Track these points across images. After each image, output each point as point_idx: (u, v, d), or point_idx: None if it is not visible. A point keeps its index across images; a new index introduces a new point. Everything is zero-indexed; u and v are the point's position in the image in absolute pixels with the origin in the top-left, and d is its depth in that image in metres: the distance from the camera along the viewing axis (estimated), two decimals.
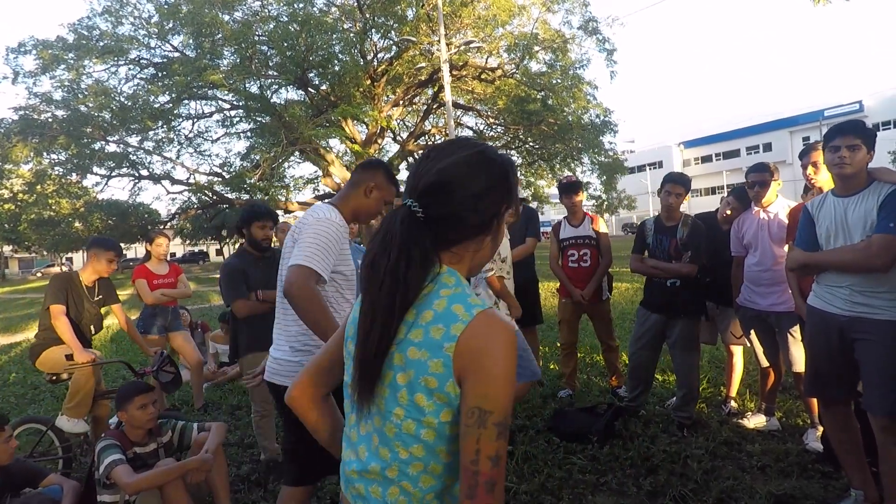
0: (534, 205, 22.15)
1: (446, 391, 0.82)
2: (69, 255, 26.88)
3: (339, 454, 1.04)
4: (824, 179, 2.83)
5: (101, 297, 3.60)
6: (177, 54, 17.60)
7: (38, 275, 42.14)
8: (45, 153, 17.34)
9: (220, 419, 4.18)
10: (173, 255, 44.83)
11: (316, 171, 22.70)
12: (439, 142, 0.93)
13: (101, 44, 16.70)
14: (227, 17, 16.91)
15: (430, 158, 0.92)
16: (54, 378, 3.43)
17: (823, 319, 2.34)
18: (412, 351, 0.84)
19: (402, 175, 27.71)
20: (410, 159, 25.10)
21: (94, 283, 3.55)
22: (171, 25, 16.66)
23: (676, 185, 3.44)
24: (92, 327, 3.56)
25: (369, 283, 0.89)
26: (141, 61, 18.13)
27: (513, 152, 22.79)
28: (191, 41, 16.86)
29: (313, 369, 1.07)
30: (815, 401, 3.00)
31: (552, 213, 38.32)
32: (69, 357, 3.24)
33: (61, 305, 3.34)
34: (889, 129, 40.68)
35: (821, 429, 2.97)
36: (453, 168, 0.89)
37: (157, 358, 3.34)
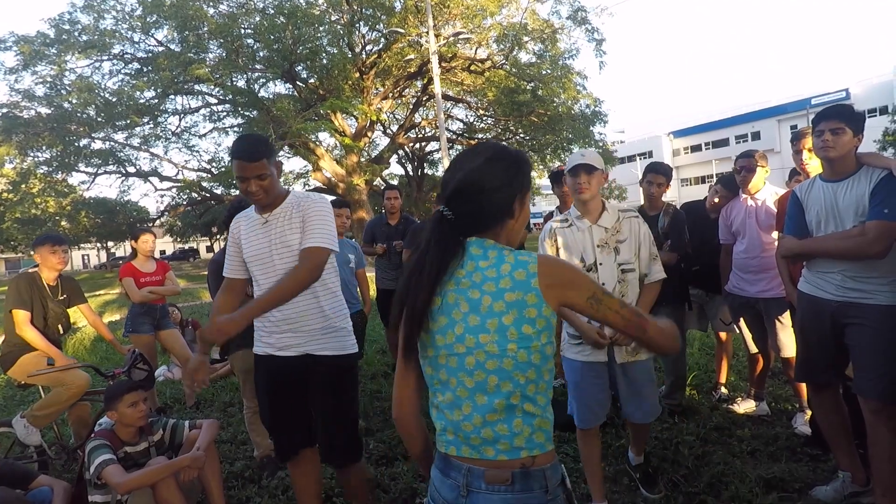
0: None
1: (543, 315, 1.07)
2: None
3: (427, 460, 1.23)
4: (816, 165, 2.83)
5: (65, 296, 3.51)
6: (161, 48, 17.35)
7: None
8: (29, 151, 17.07)
9: (212, 416, 4.16)
10: (163, 252, 44.47)
11: (306, 166, 22.56)
12: (463, 150, 1.26)
13: (84, 38, 16.43)
14: (211, 10, 16.68)
15: (450, 170, 1.17)
16: (23, 384, 3.38)
17: (815, 305, 2.36)
18: (509, 295, 1.06)
19: (394, 168, 27.64)
20: (401, 152, 25.04)
21: (56, 281, 3.47)
22: (154, 19, 16.41)
23: (657, 174, 3.44)
24: (59, 327, 3.48)
25: (416, 277, 1.12)
26: (125, 56, 17.86)
27: (503, 144, 22.76)
28: (175, 35, 16.64)
29: (413, 378, 1.21)
30: (803, 385, 3.03)
31: (543, 204, 38.37)
32: (51, 363, 3.19)
33: (26, 312, 3.26)
34: (875, 116, 41.05)
35: (809, 413, 3.00)
36: (471, 174, 1.13)
37: (129, 357, 3.29)
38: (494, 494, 1.06)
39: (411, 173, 26.88)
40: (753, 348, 3.46)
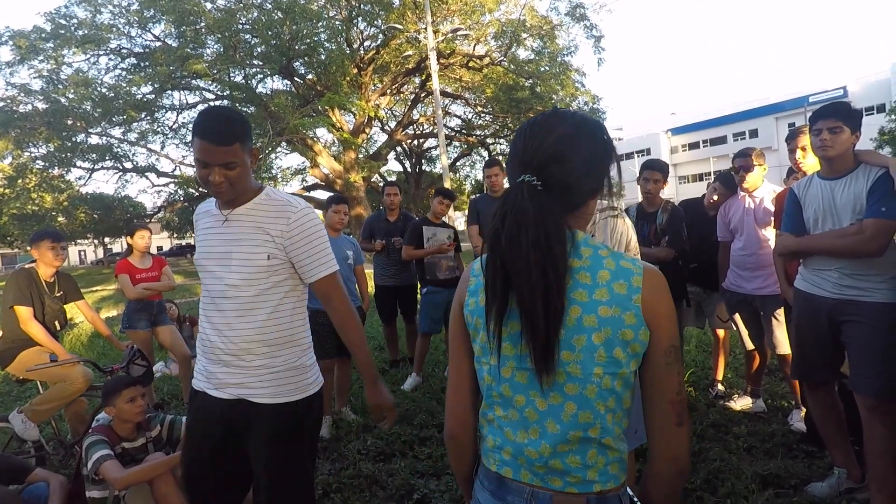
0: None
1: (640, 339, 0.91)
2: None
3: (471, 481, 1.08)
4: (811, 164, 2.84)
5: (62, 293, 3.51)
6: (158, 43, 17.27)
7: None
8: (25, 146, 17.00)
9: None
10: (160, 248, 44.36)
11: (303, 162, 22.52)
12: (535, 117, 1.00)
13: (80, 33, 16.34)
14: (209, 5, 16.60)
15: (534, 135, 0.95)
16: (22, 379, 3.38)
17: (811, 303, 2.37)
18: (603, 310, 0.90)
19: (392, 165, 27.58)
20: (399, 149, 25.00)
21: (53, 278, 3.47)
22: (151, 14, 16.33)
23: (654, 171, 3.45)
24: (56, 323, 3.47)
25: (516, 263, 0.89)
26: (122, 51, 17.78)
27: (501, 140, 22.77)
28: (172, 30, 16.56)
29: (467, 393, 1.06)
30: (798, 382, 3.04)
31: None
32: (53, 359, 3.19)
33: (29, 308, 3.26)
34: (872, 114, 41.12)
35: (804, 410, 3.02)
36: (562, 141, 0.94)
37: (128, 353, 3.29)
38: None
39: (409, 170, 26.85)
40: (750, 345, 3.47)
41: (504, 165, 3.33)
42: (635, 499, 1.01)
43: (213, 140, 1.52)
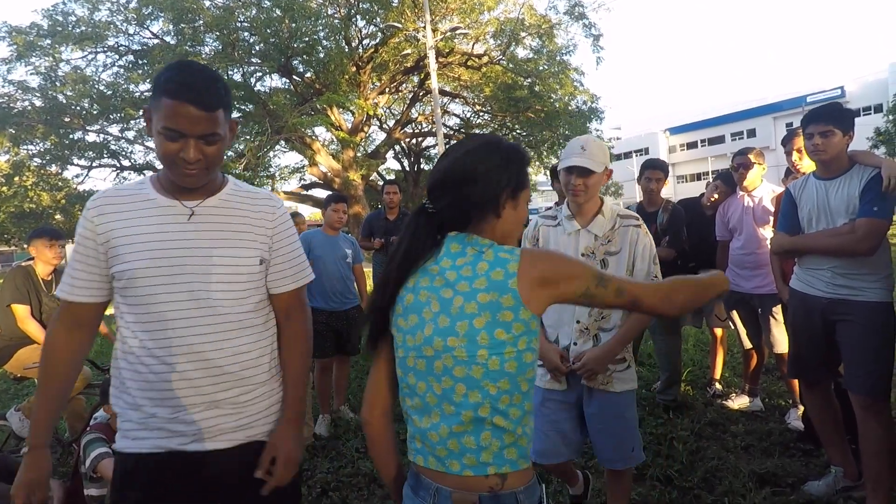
0: None
1: (521, 318, 0.98)
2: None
3: (398, 482, 1.16)
4: (808, 165, 2.85)
5: None
6: (156, 41, 17.20)
7: None
8: (22, 143, 16.94)
9: None
10: None
11: (302, 161, 22.46)
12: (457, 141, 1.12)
13: (78, 30, 16.27)
14: (207, 3, 16.55)
15: (440, 159, 1.10)
16: (19, 377, 3.37)
17: (805, 302, 2.38)
18: (482, 296, 0.98)
19: (391, 163, 27.58)
20: (398, 147, 24.97)
21: (50, 276, 3.46)
22: (149, 11, 16.26)
23: (655, 170, 3.46)
24: None
25: (392, 263, 1.08)
26: (119, 48, 17.70)
27: (499, 136, 22.73)
28: (171, 27, 16.50)
29: (385, 379, 1.14)
30: (796, 381, 3.05)
31: (539, 200, 38.39)
32: None
33: (26, 306, 3.26)
34: (870, 114, 41.22)
35: (802, 408, 3.03)
36: (454, 163, 1.06)
37: None
38: None
39: (408, 169, 26.82)
40: (748, 344, 3.48)
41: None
42: (544, 501, 1.05)
43: (196, 102, 1.16)
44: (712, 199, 3.60)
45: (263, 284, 1.36)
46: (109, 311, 1.36)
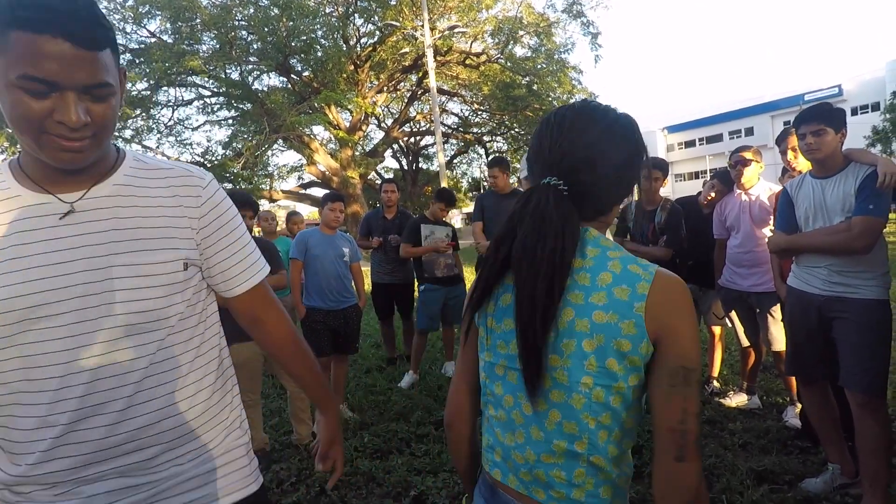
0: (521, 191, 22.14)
1: (639, 352, 0.81)
2: None
3: (470, 475, 1.06)
4: (803, 163, 2.87)
5: None
6: (154, 40, 17.17)
7: None
8: (18, 143, 16.89)
9: None
10: None
11: (300, 159, 22.45)
12: (562, 110, 0.91)
13: None
14: (205, 1, 16.52)
15: (563, 134, 0.89)
16: None
17: (802, 300, 2.39)
18: (598, 315, 0.82)
19: (389, 162, 27.55)
20: (396, 146, 24.97)
21: None
22: (147, 9, 16.22)
23: (654, 169, 3.47)
24: None
25: (526, 270, 0.85)
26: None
27: (498, 138, 22.78)
28: (168, 26, 16.47)
29: (466, 384, 1.03)
30: (793, 379, 3.06)
31: None
32: None
33: None
34: (867, 112, 41.32)
35: (799, 406, 3.04)
36: (595, 145, 0.88)
37: None
38: None
39: (406, 167, 26.81)
40: (745, 342, 3.49)
41: (502, 167, 3.33)
42: None
43: (72, 36, 0.76)
44: (709, 198, 3.61)
45: (195, 295, 0.99)
46: None
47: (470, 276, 6.71)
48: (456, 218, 30.92)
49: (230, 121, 20.94)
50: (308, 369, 1.18)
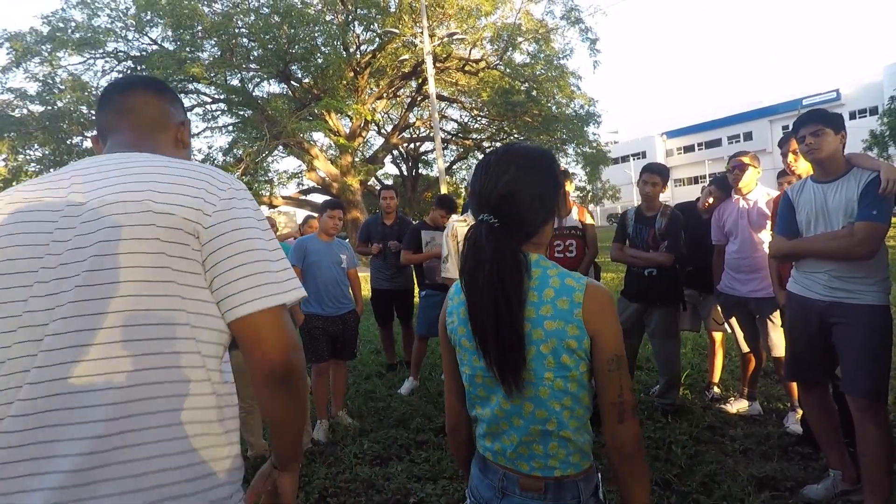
0: None
1: (583, 346, 1.04)
2: None
3: (464, 462, 1.27)
4: (804, 167, 2.87)
5: None
6: (155, 47, 17.24)
7: None
8: (21, 150, 16.94)
9: None
10: None
11: (300, 166, 22.48)
12: (489, 155, 1.14)
13: (77, 36, 16.29)
14: (206, 9, 16.60)
15: (489, 175, 1.09)
16: None
17: (803, 305, 2.38)
18: (548, 323, 1.03)
19: (389, 168, 27.61)
20: (395, 152, 25.02)
21: None
22: (148, 17, 16.31)
23: (653, 174, 3.47)
24: None
25: (473, 294, 1.06)
26: (118, 54, 17.73)
27: (497, 144, 22.81)
28: (169, 33, 16.54)
29: (458, 394, 1.22)
30: (794, 384, 3.06)
31: None
32: None
33: None
34: (865, 117, 41.42)
35: (800, 412, 3.03)
36: (511, 182, 1.07)
37: None
38: (528, 500, 1.09)
39: (405, 173, 26.86)
40: (745, 348, 3.48)
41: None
42: (600, 488, 1.14)
43: None
44: (707, 204, 3.62)
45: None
46: None
47: None
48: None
49: (230, 127, 20.97)
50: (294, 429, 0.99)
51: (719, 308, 3.61)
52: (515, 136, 21.71)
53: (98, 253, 0.81)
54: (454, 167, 27.81)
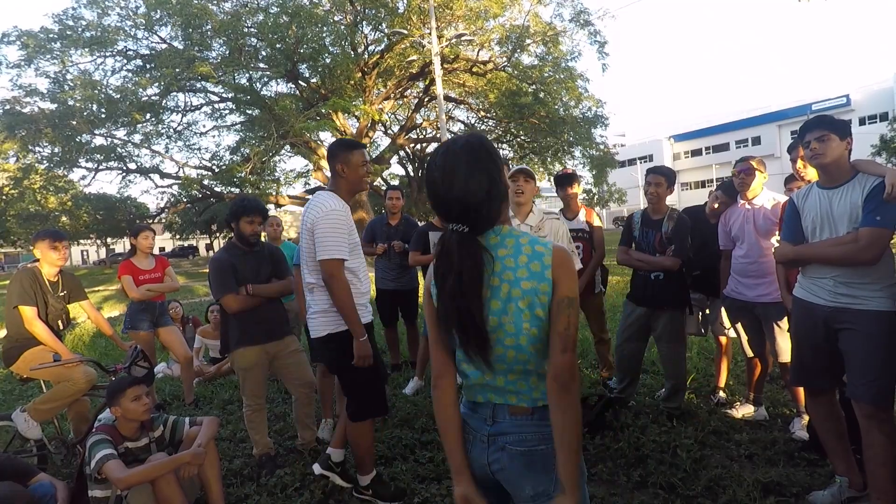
0: None
1: (549, 297, 1.23)
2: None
3: (449, 433, 1.36)
4: (813, 174, 2.86)
5: (65, 292, 3.51)
6: (164, 46, 17.36)
7: None
8: (31, 147, 17.10)
9: (211, 414, 4.17)
10: (162, 249, 44.40)
11: (307, 165, 22.59)
12: (430, 169, 1.30)
13: (88, 34, 16.44)
14: (215, 8, 16.71)
15: (437, 183, 1.25)
16: (25, 378, 3.39)
17: (808, 310, 2.38)
18: (524, 283, 1.22)
19: (395, 169, 27.68)
20: (402, 153, 25.06)
21: (56, 277, 3.47)
22: (158, 16, 16.43)
23: (658, 176, 3.46)
24: (59, 323, 3.47)
25: (444, 296, 1.26)
26: (128, 53, 17.88)
27: (504, 146, 22.82)
28: (179, 32, 16.67)
29: (441, 348, 1.33)
30: (800, 390, 3.04)
31: (543, 206, 38.34)
32: (56, 358, 3.20)
33: (33, 307, 3.26)
34: (875, 122, 41.13)
35: (806, 417, 3.02)
36: (466, 184, 1.22)
37: (130, 353, 3.29)
38: (517, 420, 1.28)
39: (412, 174, 26.88)
40: (750, 352, 3.47)
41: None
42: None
43: None
44: (713, 208, 3.61)
45: None
46: (112, 312, 1.37)
47: None
48: None
49: (238, 126, 21.10)
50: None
51: (726, 312, 3.60)
52: (522, 137, 21.70)
53: None
54: None
